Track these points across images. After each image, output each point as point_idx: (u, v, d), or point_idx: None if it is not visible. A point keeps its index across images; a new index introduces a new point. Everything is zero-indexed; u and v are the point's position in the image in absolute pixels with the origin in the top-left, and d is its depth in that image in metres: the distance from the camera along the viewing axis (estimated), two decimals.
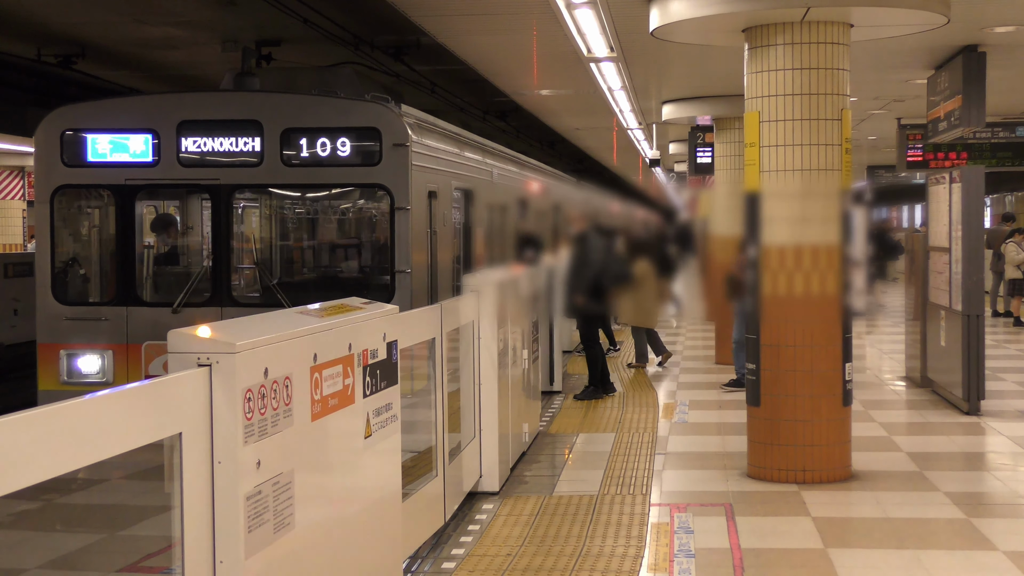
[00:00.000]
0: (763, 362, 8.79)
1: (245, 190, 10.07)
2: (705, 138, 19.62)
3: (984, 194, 11.86)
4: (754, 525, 7.63)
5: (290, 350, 4.45)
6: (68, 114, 9.97)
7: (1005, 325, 20.99)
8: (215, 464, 3.96)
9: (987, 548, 7.06)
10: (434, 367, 7.30)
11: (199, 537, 3.89)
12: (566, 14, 9.71)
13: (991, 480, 9.09)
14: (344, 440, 5.05)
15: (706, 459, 9.76)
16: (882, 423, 11.28)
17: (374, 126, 9.59)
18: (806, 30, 8.56)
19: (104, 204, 10.22)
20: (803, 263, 8.63)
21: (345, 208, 10.69)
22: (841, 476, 8.80)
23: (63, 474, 3.21)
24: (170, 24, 12.72)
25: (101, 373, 9.73)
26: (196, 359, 3.96)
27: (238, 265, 10.11)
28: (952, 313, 11.92)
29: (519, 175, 15.93)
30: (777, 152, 8.66)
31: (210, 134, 9.77)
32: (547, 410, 12.05)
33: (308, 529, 4.54)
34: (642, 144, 24.29)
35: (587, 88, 15.00)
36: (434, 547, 7.09)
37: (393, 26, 12.04)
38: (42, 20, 12.64)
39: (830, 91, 8.61)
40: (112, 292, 10.08)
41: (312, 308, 5.26)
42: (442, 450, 7.32)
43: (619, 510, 7.96)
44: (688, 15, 8.74)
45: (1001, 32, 10.98)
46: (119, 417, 3.50)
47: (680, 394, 13.23)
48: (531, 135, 25.27)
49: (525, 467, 9.41)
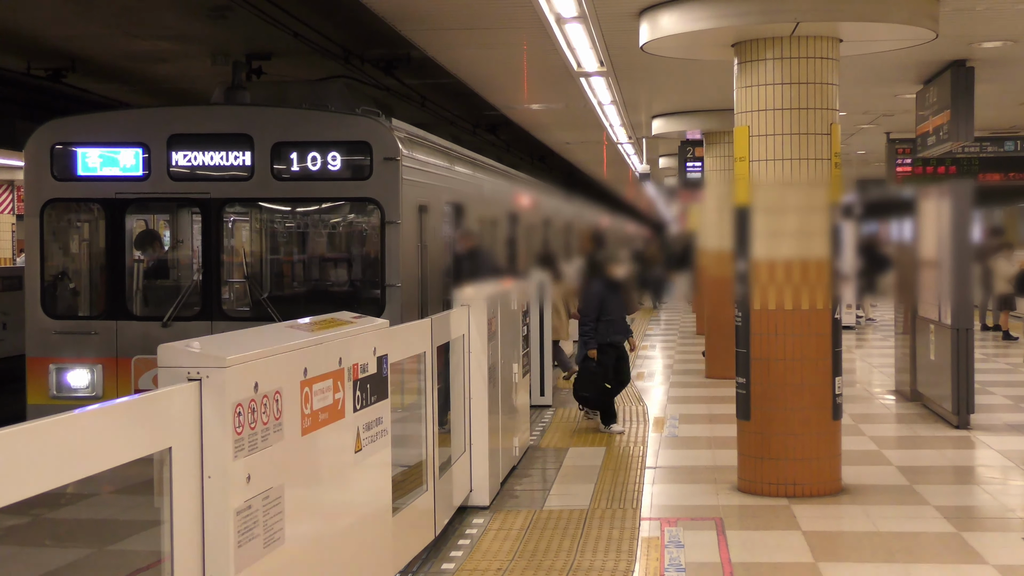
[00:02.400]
0: (753, 376, 8.80)
1: (235, 204, 10.06)
2: (695, 152, 19.67)
3: (972, 208, 11.90)
4: (744, 539, 7.63)
5: (280, 364, 4.44)
6: (58, 128, 9.96)
7: (994, 339, 21.04)
8: (205, 479, 3.95)
9: (977, 562, 7.07)
10: (424, 381, 7.30)
11: (189, 552, 3.88)
12: (556, 29, 9.73)
13: (981, 494, 9.10)
14: (334, 454, 5.04)
15: (696, 473, 9.76)
16: (872, 437, 11.29)
17: (365, 140, 9.60)
18: (795, 45, 8.59)
19: (94, 218, 10.20)
20: (792, 276, 8.65)
21: (335, 222, 10.69)
22: (831, 490, 8.80)
23: (52, 489, 3.19)
24: (160, 38, 12.72)
25: (90, 387, 9.71)
26: (186, 373, 3.95)
27: (228, 279, 10.10)
28: (941, 327, 11.95)
29: (509, 188, 15.94)
30: (767, 166, 8.68)
31: (200, 148, 9.77)
32: (537, 424, 12.04)
33: (298, 544, 4.53)
34: (632, 158, 24.34)
35: (577, 102, 15.03)
36: (424, 562, 7.08)
37: (384, 40, 12.05)
38: (32, 33, 12.64)
39: (819, 106, 8.64)
40: (102, 306, 10.06)
41: (302, 322, 5.25)
42: (432, 464, 7.31)
43: (609, 524, 7.95)
44: (678, 30, 8.77)
45: (989, 47, 11.03)
46: (108, 431, 3.49)
47: (671, 408, 13.23)
48: (521, 149, 25.31)
49: (515, 481, 9.40)
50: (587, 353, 11.56)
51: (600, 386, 11.57)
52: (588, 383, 11.64)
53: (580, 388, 11.79)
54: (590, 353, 11.51)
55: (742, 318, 8.86)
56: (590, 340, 11.51)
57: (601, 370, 11.53)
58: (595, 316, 11.48)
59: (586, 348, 11.56)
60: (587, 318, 11.55)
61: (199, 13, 11.60)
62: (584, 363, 11.67)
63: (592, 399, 11.73)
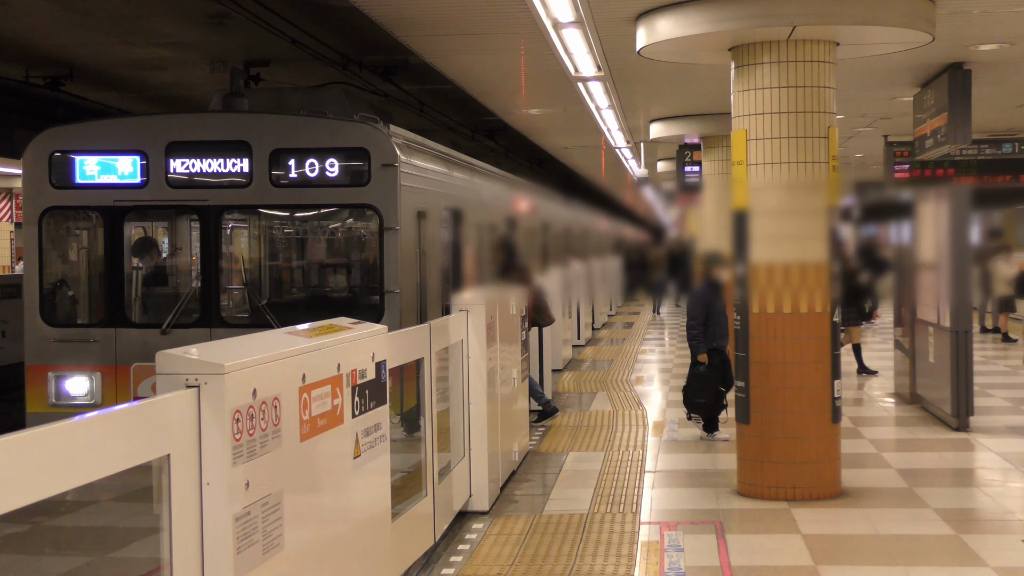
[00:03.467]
0: (752, 379, 8.80)
1: (234, 211, 10.07)
2: (693, 156, 19.69)
3: (970, 210, 11.92)
4: (744, 543, 7.63)
5: (279, 371, 4.44)
6: (56, 135, 9.97)
7: (994, 341, 21.04)
8: (204, 485, 3.95)
9: (977, 564, 7.07)
10: (423, 386, 7.30)
11: (188, 559, 3.88)
12: (553, 34, 9.75)
13: (980, 496, 9.10)
14: (333, 460, 5.04)
15: (696, 477, 9.76)
16: (871, 440, 11.29)
17: (363, 146, 9.61)
18: (792, 49, 8.60)
19: (93, 226, 10.21)
20: (791, 280, 8.66)
21: (334, 228, 10.70)
22: (831, 493, 8.80)
23: (51, 496, 3.20)
24: (158, 45, 12.74)
25: (89, 395, 9.71)
26: (184, 380, 3.96)
27: (227, 286, 10.11)
28: (941, 330, 11.95)
29: (507, 193, 15.95)
30: (765, 170, 8.69)
31: (199, 155, 9.77)
32: (537, 428, 12.04)
33: (297, 550, 4.53)
34: (630, 163, 24.35)
35: (575, 107, 15.04)
36: (424, 567, 7.08)
37: (382, 46, 12.07)
38: (30, 41, 12.65)
39: (817, 109, 8.65)
40: (101, 314, 10.06)
41: (301, 328, 5.26)
42: (432, 469, 7.31)
43: (609, 528, 7.95)
44: (675, 34, 8.78)
45: (986, 50, 11.04)
46: (107, 439, 3.49)
47: (670, 412, 13.23)
48: (520, 154, 25.32)
49: (515, 486, 9.40)
50: (697, 358, 11.25)
51: (715, 389, 11.21)
52: (701, 388, 11.25)
53: (693, 394, 11.32)
54: (700, 357, 11.20)
55: (741, 322, 8.87)
56: (700, 344, 11.21)
57: (714, 373, 11.20)
58: (702, 320, 11.16)
59: (696, 352, 11.25)
60: (695, 322, 11.21)
61: (197, 20, 11.62)
62: (694, 368, 11.33)
63: (706, 405, 11.29)
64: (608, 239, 34.63)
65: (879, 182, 21.29)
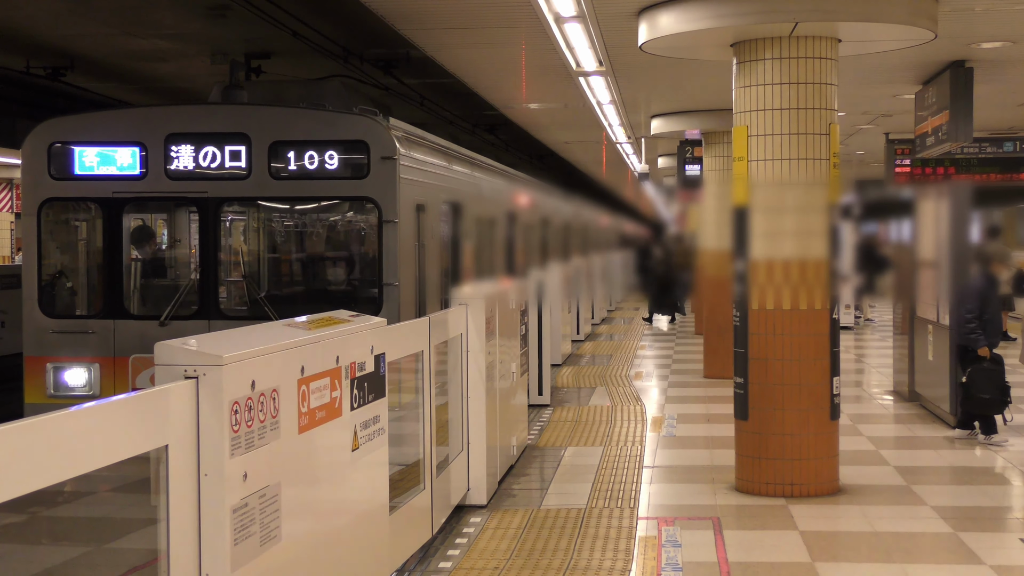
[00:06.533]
0: (751, 376, 8.80)
1: (233, 203, 10.05)
2: (694, 152, 19.67)
3: (971, 208, 11.91)
4: (742, 539, 7.63)
5: (277, 363, 4.44)
6: (56, 126, 9.94)
7: None
8: (201, 476, 3.94)
9: (974, 562, 7.07)
10: (422, 380, 7.29)
11: (185, 550, 3.88)
12: (555, 28, 9.73)
13: (978, 494, 9.10)
14: (331, 453, 5.04)
15: (694, 473, 9.76)
16: (870, 437, 11.29)
17: (362, 139, 9.59)
18: (794, 45, 8.59)
19: (91, 217, 10.19)
20: (791, 276, 8.65)
21: (333, 221, 10.69)
22: (829, 490, 8.80)
23: (49, 486, 3.19)
24: (159, 36, 12.72)
25: (88, 386, 9.69)
26: (183, 371, 3.95)
27: (226, 278, 10.09)
28: (939, 327, 11.95)
29: (507, 187, 15.94)
30: (766, 166, 8.68)
31: (198, 147, 9.76)
32: (535, 423, 12.04)
33: (295, 542, 4.53)
34: (631, 158, 24.33)
35: (576, 102, 15.03)
36: (421, 560, 7.08)
37: (383, 39, 12.06)
38: (31, 32, 12.63)
39: (818, 106, 8.64)
40: (99, 305, 10.05)
41: (300, 321, 5.25)
42: (430, 463, 7.30)
43: (607, 523, 7.95)
44: (676, 30, 8.77)
45: (988, 48, 11.03)
46: (105, 429, 3.48)
47: (668, 408, 13.23)
48: (520, 148, 25.30)
49: (513, 480, 9.40)
50: (978, 352, 10.81)
51: (1000, 383, 10.74)
52: (987, 383, 10.73)
53: (978, 390, 10.76)
54: (981, 351, 10.77)
55: (740, 318, 8.87)
56: (979, 337, 10.79)
57: (999, 368, 10.79)
58: (979, 314, 10.81)
59: (976, 346, 10.81)
60: (971, 315, 10.81)
61: (198, 12, 11.60)
62: (975, 363, 10.81)
63: (991, 401, 10.76)
64: (608, 234, 34.60)
65: (880, 180, 21.30)
